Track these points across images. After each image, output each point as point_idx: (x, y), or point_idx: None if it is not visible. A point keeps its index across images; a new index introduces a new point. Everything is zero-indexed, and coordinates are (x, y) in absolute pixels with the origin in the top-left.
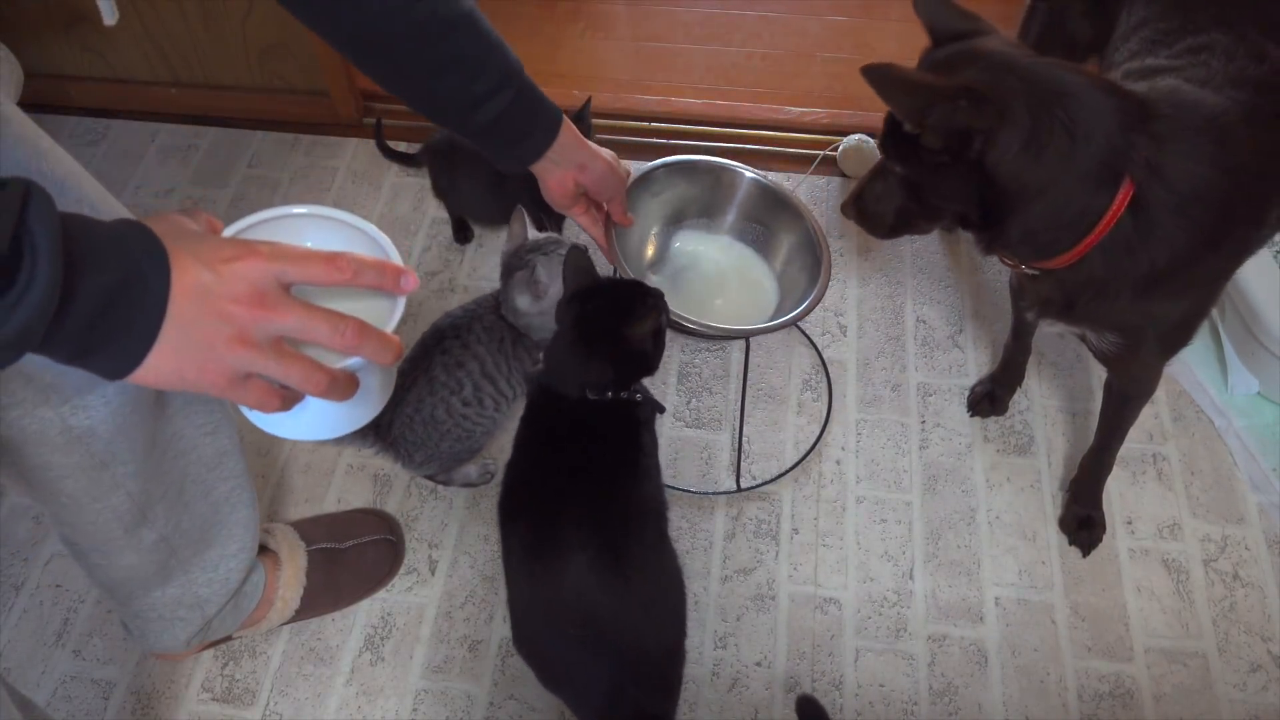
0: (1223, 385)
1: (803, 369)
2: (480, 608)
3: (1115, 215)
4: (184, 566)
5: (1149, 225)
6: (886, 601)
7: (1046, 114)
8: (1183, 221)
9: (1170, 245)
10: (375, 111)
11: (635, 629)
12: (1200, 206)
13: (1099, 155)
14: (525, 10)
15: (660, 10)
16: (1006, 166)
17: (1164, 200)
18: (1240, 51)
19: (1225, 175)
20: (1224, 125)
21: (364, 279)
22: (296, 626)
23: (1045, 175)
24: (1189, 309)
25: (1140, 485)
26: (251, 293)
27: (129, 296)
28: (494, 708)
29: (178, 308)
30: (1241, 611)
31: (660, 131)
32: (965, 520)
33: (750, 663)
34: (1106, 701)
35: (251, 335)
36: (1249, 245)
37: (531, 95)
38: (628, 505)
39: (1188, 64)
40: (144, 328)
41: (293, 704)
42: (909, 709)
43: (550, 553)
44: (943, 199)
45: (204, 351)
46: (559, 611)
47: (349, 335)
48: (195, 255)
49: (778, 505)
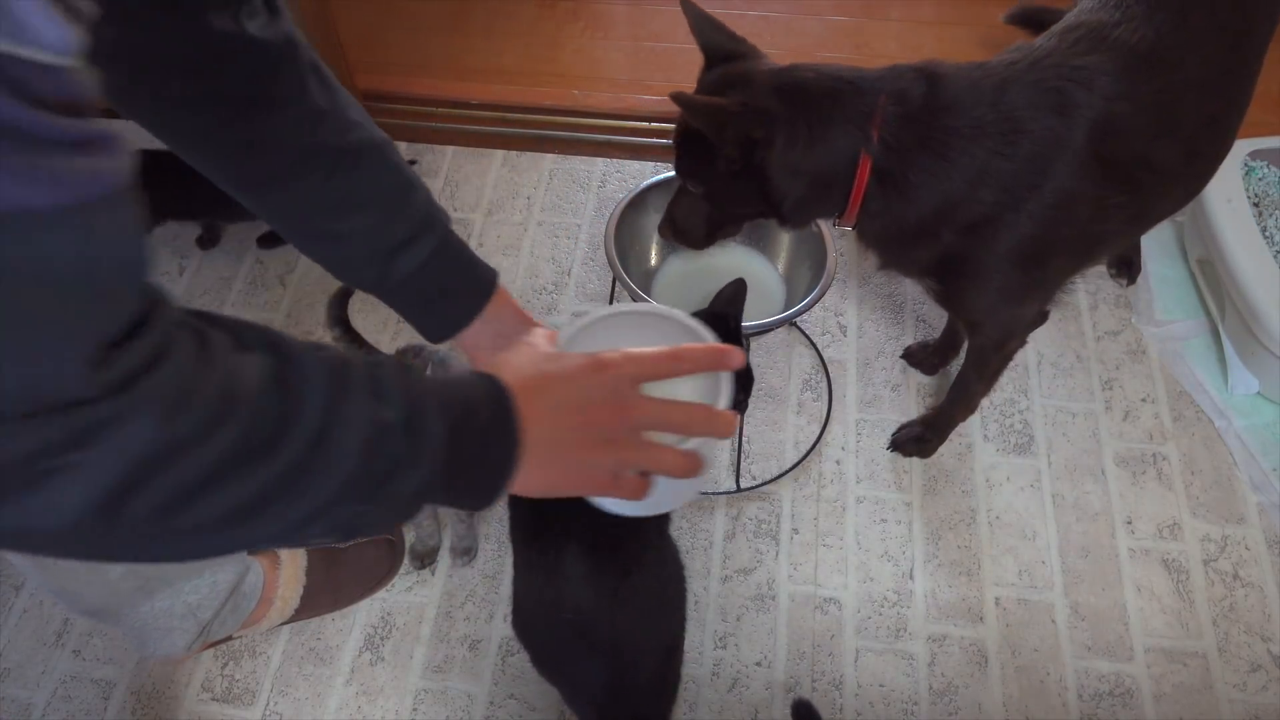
0: (1223, 385)
1: (803, 369)
2: (480, 607)
3: (862, 184)
4: (166, 580)
5: (891, 188)
6: (886, 601)
7: (797, 116)
8: (914, 182)
9: (909, 203)
10: (376, 111)
11: (632, 624)
12: (919, 174)
13: (837, 140)
14: (525, 10)
15: (660, 10)
16: (776, 163)
17: (896, 169)
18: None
19: (930, 149)
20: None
21: (701, 366)
22: (296, 626)
23: (801, 163)
24: (966, 254)
25: (1140, 485)
26: (613, 399)
27: (486, 440)
28: (494, 707)
29: (533, 436)
30: (1241, 611)
31: (660, 131)
32: (965, 520)
33: (750, 663)
34: (1106, 701)
35: (619, 436)
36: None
37: (460, 246)
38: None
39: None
40: (502, 461)
41: (293, 704)
42: (909, 709)
43: (550, 539)
44: (738, 203)
45: (574, 462)
46: (557, 598)
47: (700, 421)
48: (540, 377)
49: (778, 505)
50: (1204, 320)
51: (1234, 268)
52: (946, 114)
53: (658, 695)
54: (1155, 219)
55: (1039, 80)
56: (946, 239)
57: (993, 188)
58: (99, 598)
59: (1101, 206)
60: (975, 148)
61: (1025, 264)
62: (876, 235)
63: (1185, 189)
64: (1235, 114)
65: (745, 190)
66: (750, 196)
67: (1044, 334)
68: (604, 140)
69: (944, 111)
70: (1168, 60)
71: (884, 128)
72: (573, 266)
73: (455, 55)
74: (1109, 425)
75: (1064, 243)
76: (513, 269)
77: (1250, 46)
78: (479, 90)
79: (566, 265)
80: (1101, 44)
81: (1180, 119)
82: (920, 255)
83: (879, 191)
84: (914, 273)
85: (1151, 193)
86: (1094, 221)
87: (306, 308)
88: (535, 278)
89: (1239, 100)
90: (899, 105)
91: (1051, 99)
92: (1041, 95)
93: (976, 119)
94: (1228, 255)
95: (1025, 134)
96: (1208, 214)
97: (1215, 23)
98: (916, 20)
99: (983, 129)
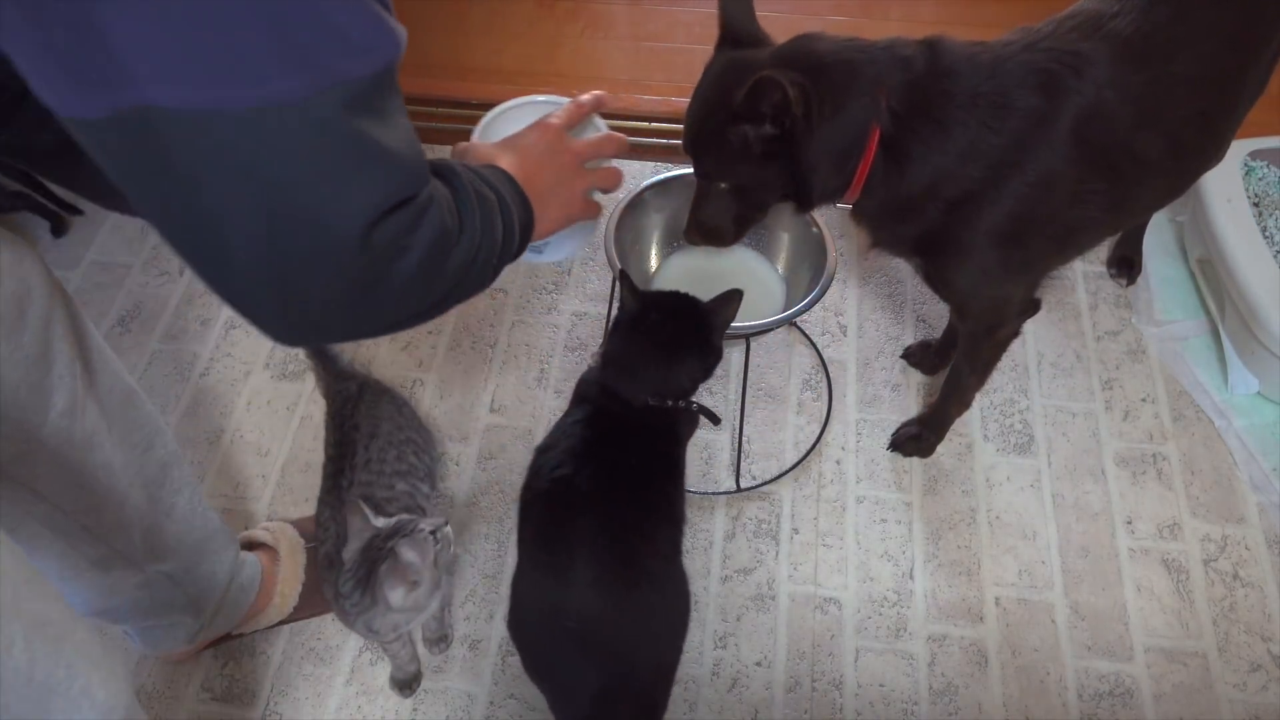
0: (1223, 385)
1: (803, 369)
2: (480, 607)
3: (870, 155)
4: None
5: (892, 161)
6: (886, 601)
7: (825, 91)
8: (913, 154)
9: (904, 176)
10: None
11: (633, 638)
12: (919, 144)
13: (855, 112)
14: (525, 10)
15: (660, 10)
16: (811, 140)
17: (899, 138)
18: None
19: (929, 117)
20: (946, 76)
21: (585, 111)
22: (296, 626)
23: (831, 138)
24: (949, 232)
25: (1140, 485)
26: (561, 147)
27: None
28: (494, 707)
29: (533, 191)
30: (1241, 611)
31: (660, 131)
32: (965, 520)
33: (750, 662)
34: (1106, 701)
35: (576, 169)
36: (966, 181)
37: None
38: (651, 513)
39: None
40: (527, 212)
41: (293, 704)
42: (909, 709)
43: (562, 546)
44: (767, 189)
45: (562, 196)
46: (561, 602)
47: (610, 144)
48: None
49: (778, 505)
50: (1204, 320)
51: (1234, 268)
52: (946, 79)
53: (646, 713)
54: (1137, 211)
55: (1031, 61)
56: (933, 215)
57: (979, 163)
58: (101, 599)
59: (1079, 191)
60: (969, 118)
61: (1005, 243)
62: (872, 211)
63: (1168, 183)
64: (1229, 113)
65: (776, 174)
66: (780, 180)
67: (1044, 334)
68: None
69: (944, 77)
70: (1160, 53)
71: (890, 95)
72: (573, 266)
73: (455, 55)
74: (1109, 425)
75: (1042, 224)
76: (513, 269)
77: (1252, 47)
78: (479, 90)
79: (566, 265)
80: (1096, 32)
81: (1166, 112)
82: (909, 231)
83: (882, 164)
84: (902, 251)
85: (1131, 182)
86: (1072, 205)
87: None
88: (535, 277)
89: (1234, 100)
90: (905, 72)
91: (1040, 79)
92: (1032, 75)
93: (972, 89)
94: (1228, 255)
95: (1012, 110)
96: (1208, 214)
97: (1216, 20)
98: (916, 20)
99: (976, 100)
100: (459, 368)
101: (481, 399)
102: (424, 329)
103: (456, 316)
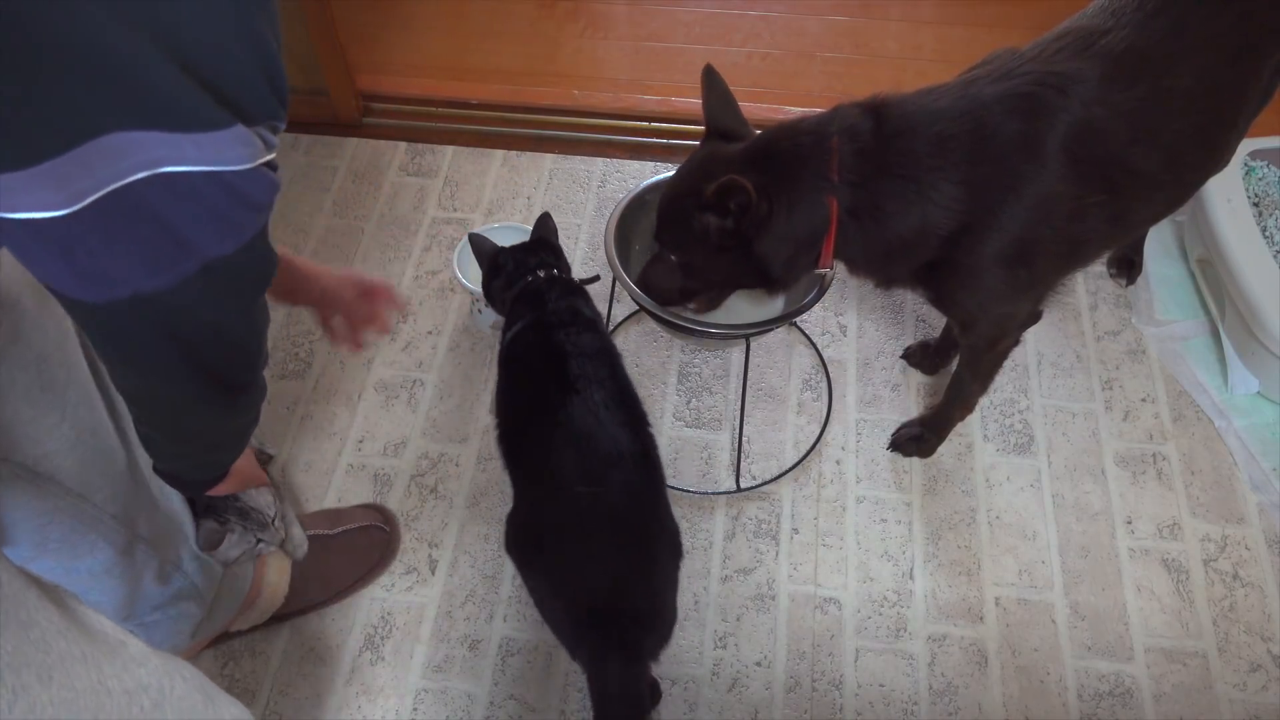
0: (1223, 385)
1: (803, 369)
2: (480, 607)
3: (833, 226)
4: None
5: (867, 219)
6: (886, 601)
7: (780, 186)
8: (889, 209)
9: (887, 227)
10: (375, 111)
11: (654, 539)
12: (891, 201)
13: (811, 195)
14: (525, 10)
15: (660, 10)
16: (768, 234)
17: (866, 202)
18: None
19: (893, 174)
20: (887, 141)
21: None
22: (296, 626)
23: (791, 229)
24: (954, 261)
25: (1140, 485)
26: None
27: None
28: (494, 707)
29: None
30: (1241, 611)
31: (660, 131)
32: (965, 520)
33: (750, 662)
34: (1106, 701)
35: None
36: (929, 220)
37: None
38: (627, 383)
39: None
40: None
41: (293, 704)
42: (909, 709)
43: (586, 392)
44: (713, 274)
45: None
46: (587, 502)
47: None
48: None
49: (778, 505)
50: (1204, 320)
51: (1234, 268)
52: (900, 139)
53: (655, 612)
54: (1138, 223)
55: (1009, 89)
56: (930, 249)
57: (971, 196)
58: (129, 591)
59: (1079, 206)
60: (943, 162)
61: (1011, 265)
62: (864, 262)
63: (1168, 196)
64: (1227, 127)
65: (727, 264)
66: (733, 269)
67: (1044, 334)
68: (604, 140)
69: (897, 137)
70: (1155, 68)
71: (841, 168)
72: (573, 266)
73: (455, 55)
74: (1109, 425)
75: (1047, 243)
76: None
77: (1251, 61)
78: (478, 90)
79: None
80: (1085, 51)
81: (1162, 127)
82: (911, 268)
83: (854, 226)
84: (909, 284)
85: (1130, 195)
86: (1073, 221)
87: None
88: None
89: (1234, 113)
90: (851, 142)
91: (1019, 104)
92: (1009, 101)
93: (935, 135)
94: (1228, 255)
95: (995, 140)
96: (1208, 214)
97: (1213, 35)
98: (916, 20)
99: (945, 144)
100: (459, 368)
101: (481, 399)
102: (424, 329)
103: (456, 317)
